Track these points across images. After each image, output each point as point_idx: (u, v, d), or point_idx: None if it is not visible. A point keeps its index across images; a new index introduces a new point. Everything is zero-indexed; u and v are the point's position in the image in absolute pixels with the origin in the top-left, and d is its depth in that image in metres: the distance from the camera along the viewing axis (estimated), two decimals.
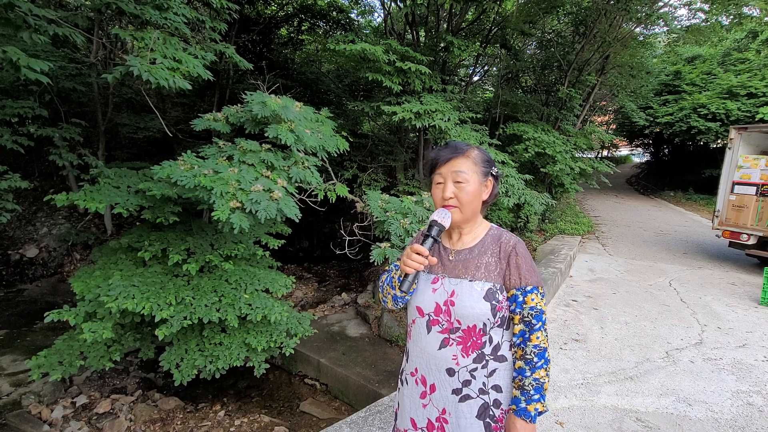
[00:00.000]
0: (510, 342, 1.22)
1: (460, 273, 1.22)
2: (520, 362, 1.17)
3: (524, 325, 1.17)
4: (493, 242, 1.24)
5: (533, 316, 1.16)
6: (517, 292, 1.17)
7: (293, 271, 7.87)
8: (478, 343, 1.17)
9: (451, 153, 1.22)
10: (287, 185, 3.15)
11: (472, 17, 7.76)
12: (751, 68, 14.01)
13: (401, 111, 5.21)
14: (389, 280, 1.30)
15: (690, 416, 2.69)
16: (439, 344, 1.21)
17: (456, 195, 1.19)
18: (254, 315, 3.52)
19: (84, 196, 3.36)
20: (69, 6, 4.45)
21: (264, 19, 8.89)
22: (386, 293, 1.30)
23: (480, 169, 1.22)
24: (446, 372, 1.20)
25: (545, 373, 1.15)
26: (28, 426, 3.46)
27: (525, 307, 1.17)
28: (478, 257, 1.22)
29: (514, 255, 1.20)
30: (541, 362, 1.15)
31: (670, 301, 4.96)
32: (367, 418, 2.35)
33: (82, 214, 6.84)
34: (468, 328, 1.17)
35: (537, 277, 1.20)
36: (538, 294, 1.18)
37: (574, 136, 8.19)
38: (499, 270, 1.20)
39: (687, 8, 8.40)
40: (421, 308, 1.24)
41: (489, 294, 1.17)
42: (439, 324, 1.21)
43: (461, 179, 1.19)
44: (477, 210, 1.24)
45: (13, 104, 4.67)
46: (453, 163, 1.20)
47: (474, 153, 1.23)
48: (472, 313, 1.15)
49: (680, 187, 16.76)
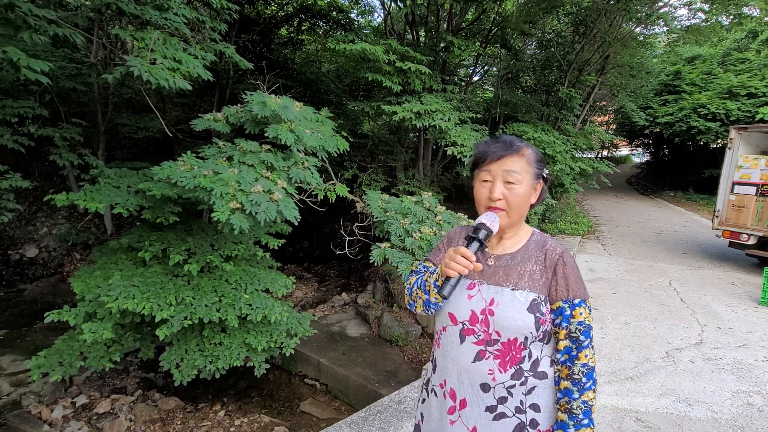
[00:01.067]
0: (551, 358, 1.12)
1: (501, 280, 1.12)
2: (566, 382, 1.07)
3: (571, 341, 1.07)
4: (538, 249, 1.14)
5: (581, 331, 1.06)
6: (564, 304, 1.07)
7: (293, 271, 7.87)
8: (517, 357, 1.08)
9: (504, 149, 1.10)
10: (287, 186, 3.15)
11: (472, 17, 7.76)
12: (751, 68, 14.01)
13: (401, 111, 5.21)
14: (421, 283, 1.18)
15: (690, 416, 2.69)
16: (473, 356, 1.10)
17: (505, 197, 1.09)
18: (254, 315, 3.52)
19: (84, 196, 3.36)
20: (69, 6, 4.44)
21: (264, 19, 8.89)
22: (416, 297, 1.19)
23: (533, 170, 1.11)
24: (480, 387, 1.10)
25: (593, 395, 1.06)
26: (28, 426, 3.46)
27: (572, 322, 1.06)
28: (521, 264, 1.12)
29: (561, 264, 1.10)
30: (589, 383, 1.05)
31: (670, 301, 4.96)
32: (367, 418, 2.36)
33: (82, 214, 6.84)
34: (508, 341, 1.07)
35: (585, 290, 1.10)
36: (586, 308, 1.08)
37: (574, 136, 8.19)
38: (544, 280, 1.10)
39: (687, 8, 8.40)
40: (454, 315, 1.14)
41: (533, 305, 1.07)
42: (474, 334, 1.11)
43: (513, 179, 1.08)
44: (525, 214, 1.14)
45: (13, 104, 4.67)
46: (505, 161, 1.09)
47: (528, 151, 1.12)
48: (515, 325, 1.06)
49: (680, 187, 16.75)
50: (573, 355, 1.07)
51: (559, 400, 1.09)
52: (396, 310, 5.20)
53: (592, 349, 1.07)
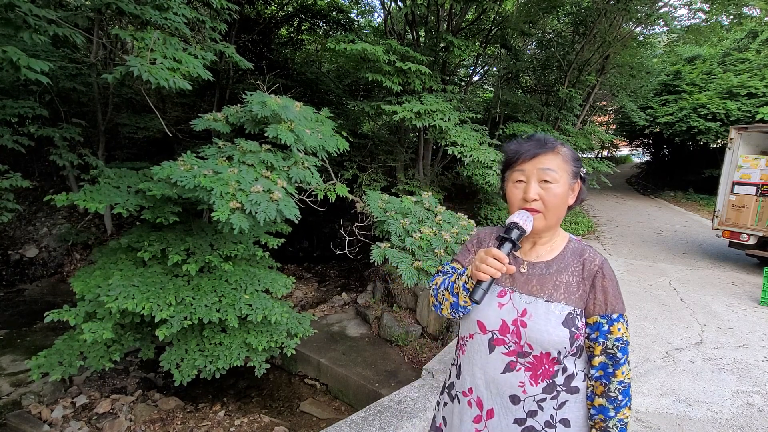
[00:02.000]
0: (585, 372, 1.08)
1: (534, 290, 1.06)
2: (602, 399, 1.03)
3: (607, 357, 1.02)
4: (575, 258, 1.08)
5: (619, 348, 1.01)
6: (602, 319, 1.02)
7: (293, 271, 7.87)
8: (549, 371, 1.04)
9: (538, 147, 1.05)
10: (287, 186, 3.15)
11: (472, 17, 7.76)
12: (751, 68, 14.01)
13: (401, 111, 5.21)
14: (449, 284, 1.13)
15: (690, 416, 2.69)
16: (503, 367, 1.06)
17: (541, 197, 1.03)
18: (254, 315, 3.52)
19: (84, 196, 3.36)
20: (69, 6, 4.45)
21: (264, 19, 8.90)
22: (443, 299, 1.14)
23: (570, 168, 1.05)
24: (510, 399, 1.06)
25: (629, 412, 1.03)
26: (28, 426, 3.46)
27: (610, 338, 1.02)
28: (557, 274, 1.07)
29: (600, 276, 1.04)
30: (625, 400, 1.02)
31: (670, 301, 4.96)
32: (367, 418, 2.35)
33: (82, 214, 6.84)
34: (540, 354, 1.03)
35: (623, 304, 1.05)
36: (624, 323, 1.03)
37: (574, 136, 8.20)
38: (581, 292, 1.04)
39: (687, 8, 8.42)
40: (484, 324, 1.09)
41: (569, 319, 1.01)
42: (505, 345, 1.06)
43: (549, 179, 1.02)
44: (561, 217, 1.08)
45: (13, 104, 4.67)
46: (540, 159, 1.03)
47: (564, 150, 1.06)
48: (548, 339, 1.01)
49: (680, 187, 16.75)
50: (609, 372, 1.02)
51: (593, 416, 1.05)
52: (396, 310, 5.20)
53: (628, 365, 1.03)
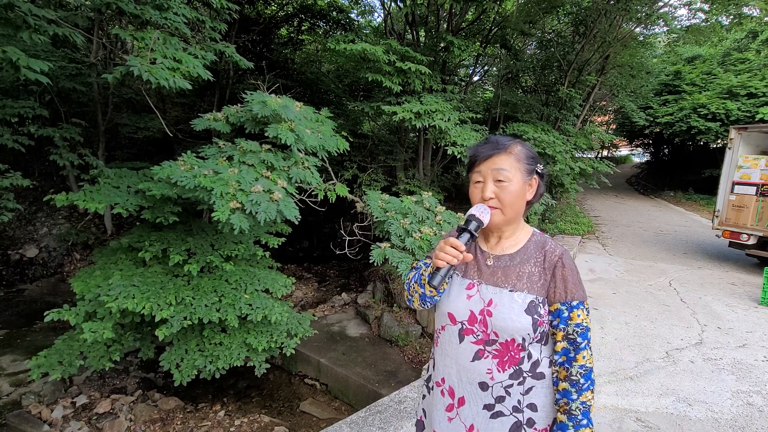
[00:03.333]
0: (550, 359, 1.14)
1: (500, 281, 1.13)
2: (565, 384, 1.08)
3: (568, 342, 1.08)
4: (537, 250, 1.15)
5: (579, 333, 1.07)
6: (562, 306, 1.08)
7: (293, 271, 7.87)
8: (515, 358, 1.10)
9: (491, 149, 1.12)
10: (287, 186, 3.15)
11: (472, 17, 7.75)
12: (751, 68, 14.00)
13: (401, 111, 5.20)
14: (417, 277, 1.21)
15: (690, 416, 2.69)
16: (472, 355, 1.12)
17: (497, 195, 1.10)
18: (254, 315, 3.52)
19: (84, 196, 3.36)
20: (69, 6, 4.44)
21: (264, 19, 8.89)
22: (413, 291, 1.22)
23: (524, 166, 1.12)
24: (479, 386, 1.12)
25: (592, 395, 1.07)
26: (28, 426, 3.46)
27: (570, 324, 1.08)
28: (520, 265, 1.14)
29: (560, 266, 1.11)
30: (587, 383, 1.07)
31: (670, 301, 4.96)
32: (367, 418, 2.35)
33: (82, 214, 6.84)
34: (506, 341, 1.09)
35: (583, 292, 1.11)
36: (584, 309, 1.09)
37: (574, 136, 8.19)
38: (542, 281, 1.11)
39: (687, 8, 8.41)
40: (454, 315, 1.16)
41: (531, 307, 1.08)
42: (473, 334, 1.12)
43: (503, 178, 1.10)
44: (520, 212, 1.15)
45: (13, 104, 4.67)
46: (494, 160, 1.11)
47: (517, 149, 1.13)
48: (512, 326, 1.07)
49: (680, 187, 16.75)
50: (571, 357, 1.08)
51: (558, 401, 1.10)
52: (396, 310, 5.20)
53: (589, 351, 1.08)
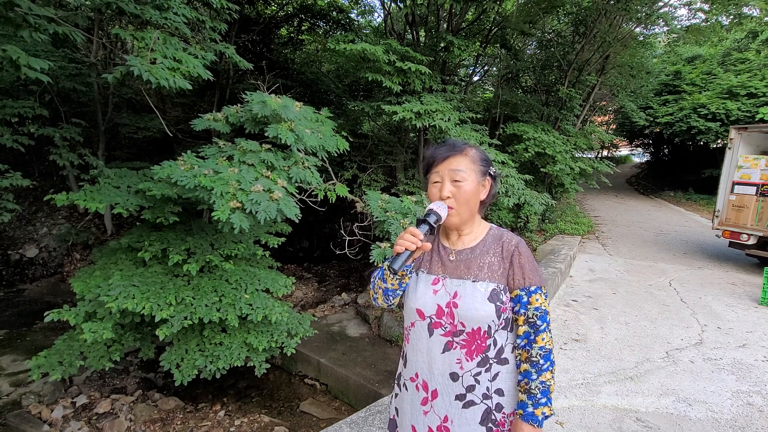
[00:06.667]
0: (513, 344, 1.19)
1: (463, 273, 1.18)
2: (526, 365, 1.14)
3: (529, 326, 1.15)
4: (495, 242, 1.21)
5: (538, 316, 1.14)
6: (522, 292, 1.15)
7: (293, 271, 7.88)
8: (482, 346, 1.14)
9: (448, 151, 1.19)
10: (287, 185, 3.15)
11: (472, 17, 7.76)
12: (751, 68, 14.01)
13: (401, 111, 5.20)
14: (380, 273, 1.25)
15: (690, 416, 2.69)
16: (442, 348, 1.16)
17: (454, 194, 1.16)
18: (255, 315, 3.52)
19: (84, 196, 3.36)
20: (69, 6, 4.44)
21: (264, 19, 8.89)
22: (377, 288, 1.26)
23: (478, 168, 1.19)
24: (450, 377, 1.16)
25: (551, 376, 1.13)
26: (28, 426, 3.46)
27: (530, 308, 1.14)
28: (480, 257, 1.19)
29: (517, 254, 1.17)
30: (547, 364, 1.12)
31: (670, 301, 4.96)
32: (367, 418, 2.35)
33: (82, 214, 6.84)
34: (472, 330, 1.13)
35: (540, 277, 1.18)
36: (542, 294, 1.15)
37: (574, 136, 8.19)
38: (502, 270, 1.17)
39: (687, 8, 8.41)
40: (422, 311, 1.19)
41: (493, 295, 1.14)
42: (441, 327, 1.16)
43: (459, 178, 1.16)
44: (475, 210, 1.22)
45: (13, 104, 4.67)
46: (450, 161, 1.17)
47: (472, 152, 1.20)
48: (477, 315, 1.12)
49: (680, 187, 16.76)
50: (531, 339, 1.14)
51: (520, 382, 1.16)
52: (396, 310, 5.20)
53: (549, 333, 1.15)
